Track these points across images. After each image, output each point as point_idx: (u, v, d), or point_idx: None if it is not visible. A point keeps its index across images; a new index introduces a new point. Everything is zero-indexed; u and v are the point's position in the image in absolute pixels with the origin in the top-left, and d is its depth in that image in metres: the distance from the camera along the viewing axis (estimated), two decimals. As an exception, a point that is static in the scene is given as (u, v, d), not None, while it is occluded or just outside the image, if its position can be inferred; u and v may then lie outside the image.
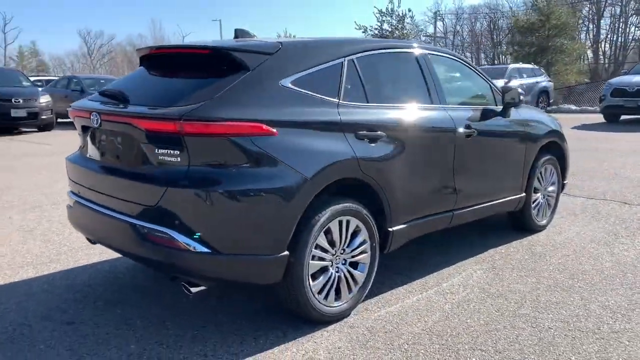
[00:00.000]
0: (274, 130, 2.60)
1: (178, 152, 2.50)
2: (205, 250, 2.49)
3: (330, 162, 2.78)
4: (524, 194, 4.39)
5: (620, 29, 49.34)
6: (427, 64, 3.59)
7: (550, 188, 4.80)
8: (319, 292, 2.86)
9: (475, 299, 3.29)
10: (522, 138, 4.26)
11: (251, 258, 2.58)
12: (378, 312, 3.11)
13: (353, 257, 3.04)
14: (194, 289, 2.63)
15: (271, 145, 2.58)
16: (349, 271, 3.01)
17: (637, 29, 49.42)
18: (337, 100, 2.95)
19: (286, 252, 2.65)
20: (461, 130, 3.62)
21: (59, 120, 15.79)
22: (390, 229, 3.21)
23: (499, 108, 4.09)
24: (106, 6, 73.80)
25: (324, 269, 2.88)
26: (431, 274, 3.70)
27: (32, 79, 18.44)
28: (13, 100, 13.13)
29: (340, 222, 2.91)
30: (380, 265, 3.21)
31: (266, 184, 2.55)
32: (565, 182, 5.00)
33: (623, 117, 14.69)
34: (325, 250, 2.86)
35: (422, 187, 3.42)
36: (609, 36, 50.20)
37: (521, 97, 4.06)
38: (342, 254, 2.98)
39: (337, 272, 2.96)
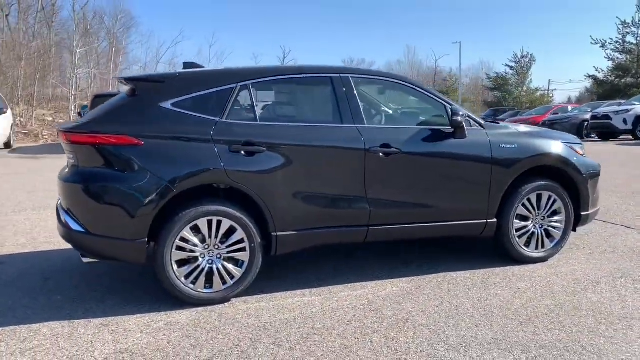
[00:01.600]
0: (140, 141, 3.32)
1: (72, 156, 3.42)
2: (81, 229, 3.34)
3: (192, 170, 3.36)
4: (494, 219, 4.12)
5: None
6: (344, 87, 3.82)
7: (555, 218, 4.32)
8: (186, 278, 3.43)
9: (346, 309, 3.41)
10: (485, 160, 4.03)
11: (114, 240, 3.33)
12: (248, 305, 3.51)
13: (229, 253, 3.52)
14: (85, 259, 3.49)
15: (136, 153, 3.31)
16: (224, 265, 3.51)
17: None
18: (218, 119, 3.50)
19: (144, 239, 3.32)
20: (375, 148, 3.73)
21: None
22: (273, 234, 3.58)
23: (449, 129, 3.98)
24: (368, 36, 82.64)
25: (194, 259, 3.45)
26: (348, 284, 3.87)
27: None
28: None
29: (210, 222, 3.44)
30: (309, 269, 3.58)
31: (126, 183, 3.28)
32: (585, 212, 4.41)
33: None
34: (194, 244, 3.43)
35: (318, 200, 3.66)
36: None
37: (457, 118, 3.87)
38: (216, 249, 3.49)
39: (210, 264, 3.48)
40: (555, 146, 4.31)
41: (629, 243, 4.85)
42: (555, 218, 4.33)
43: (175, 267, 3.40)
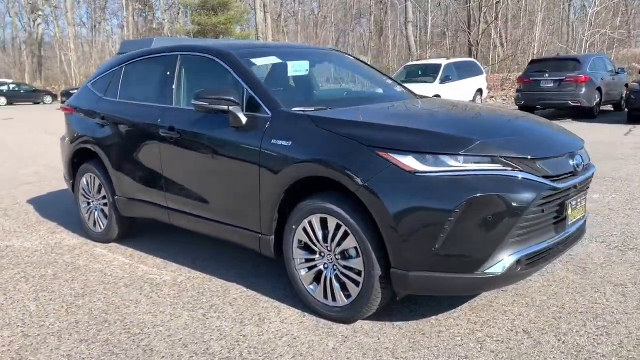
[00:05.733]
0: (71, 110, 4.66)
1: (66, 121, 5.10)
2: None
3: (78, 134, 4.47)
4: (270, 236, 3.09)
5: None
6: (169, 66, 3.78)
7: (351, 263, 2.76)
8: (86, 214, 4.57)
9: (133, 280, 3.77)
10: (252, 157, 3.07)
11: (65, 178, 4.86)
12: (105, 251, 4.30)
13: (104, 206, 4.39)
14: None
15: (69, 118, 4.70)
16: (98, 215, 4.45)
17: None
18: (101, 96, 4.35)
19: (72, 181, 4.69)
20: (164, 130, 3.62)
21: None
22: (114, 197, 4.20)
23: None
24: None
25: (88, 203, 4.56)
26: (195, 263, 3.96)
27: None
28: None
29: (90, 176, 4.43)
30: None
31: (65, 136, 4.73)
32: (398, 270, 2.55)
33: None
34: (85, 193, 4.55)
35: (134, 172, 3.98)
36: None
37: (195, 101, 3.00)
38: (96, 200, 4.46)
39: (95, 210, 4.50)
40: (334, 149, 2.67)
41: None
42: (351, 263, 2.73)
43: (82, 205, 4.61)
